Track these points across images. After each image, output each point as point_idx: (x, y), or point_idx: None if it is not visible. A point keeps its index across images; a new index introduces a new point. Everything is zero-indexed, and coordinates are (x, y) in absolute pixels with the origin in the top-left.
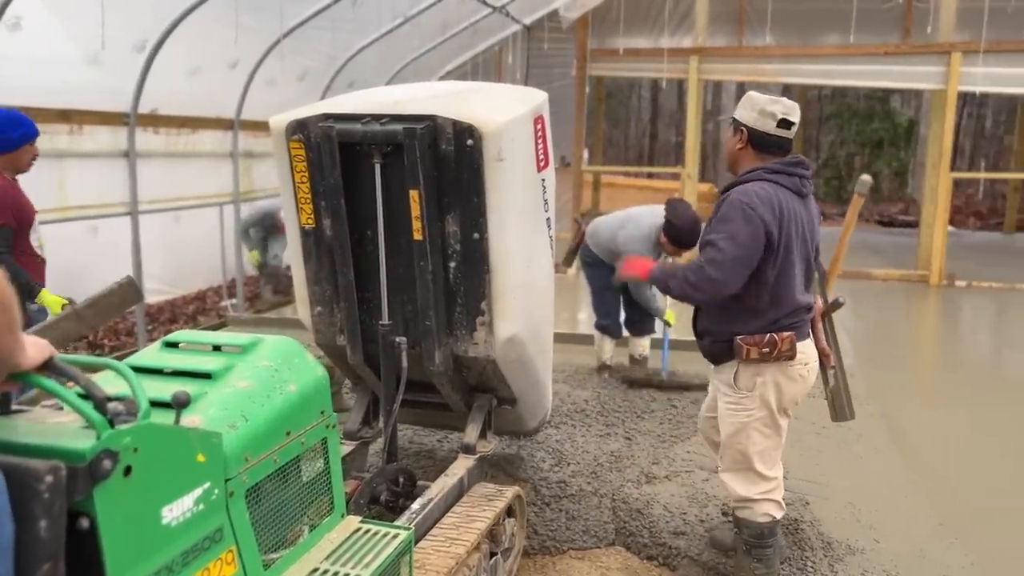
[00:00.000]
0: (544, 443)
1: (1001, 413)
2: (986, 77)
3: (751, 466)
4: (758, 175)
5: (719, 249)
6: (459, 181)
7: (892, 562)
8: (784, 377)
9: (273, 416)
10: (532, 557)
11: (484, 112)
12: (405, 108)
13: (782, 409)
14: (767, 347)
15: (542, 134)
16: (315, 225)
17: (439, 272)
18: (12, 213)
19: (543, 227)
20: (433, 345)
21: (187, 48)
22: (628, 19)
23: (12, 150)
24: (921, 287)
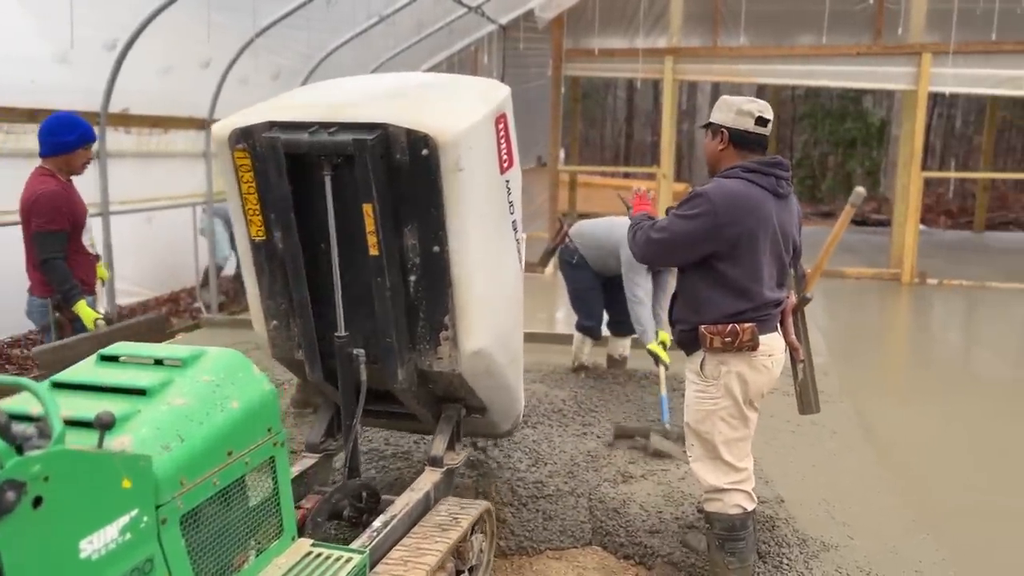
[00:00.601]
0: (521, 443)
1: (971, 409)
2: (955, 78)
3: (719, 455)
4: (734, 172)
5: (669, 224)
6: (415, 192)
7: (866, 559)
8: (748, 367)
9: (212, 435)
10: (509, 558)
11: (440, 118)
12: (355, 114)
13: (748, 401)
14: (729, 336)
15: (505, 134)
16: (266, 238)
17: (398, 287)
18: (67, 217)
19: (509, 231)
20: (395, 362)
21: (159, 47)
22: (603, 19)
23: (67, 152)
24: (893, 285)
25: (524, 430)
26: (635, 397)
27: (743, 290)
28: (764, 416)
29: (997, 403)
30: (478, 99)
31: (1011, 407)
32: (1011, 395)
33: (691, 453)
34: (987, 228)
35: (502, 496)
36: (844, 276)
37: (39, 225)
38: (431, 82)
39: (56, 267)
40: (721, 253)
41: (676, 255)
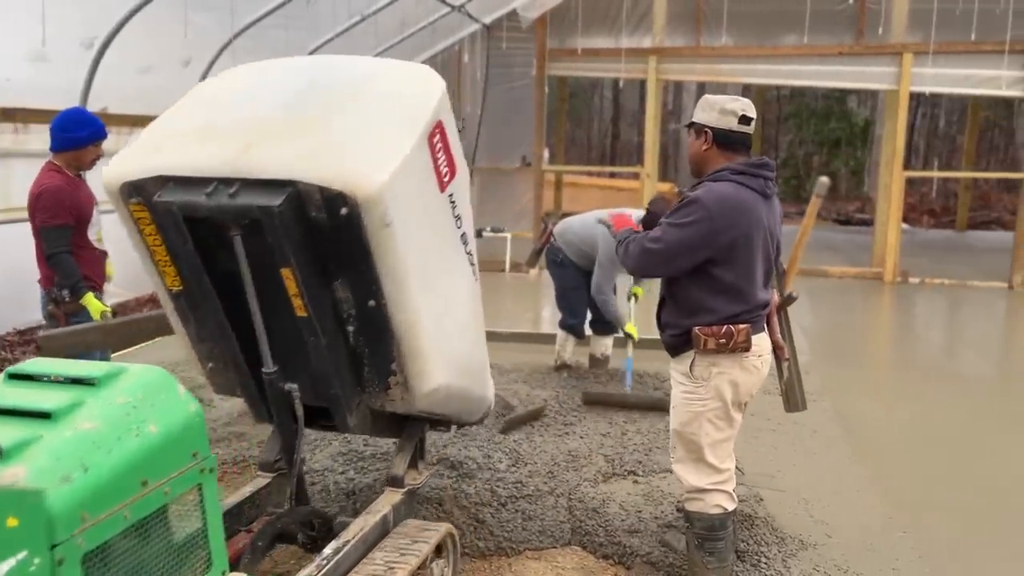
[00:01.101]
0: (502, 444)
1: (950, 407)
2: (935, 78)
3: (702, 457)
4: (723, 176)
5: (663, 234)
6: (339, 250)
7: (843, 556)
8: (739, 369)
9: (123, 463)
10: (488, 559)
11: (358, 166)
12: (259, 167)
13: (737, 402)
14: (723, 338)
15: (443, 145)
16: (183, 288)
17: (336, 340)
18: (71, 212)
19: (457, 249)
20: (343, 410)
21: (138, 45)
22: (587, 19)
23: (77, 148)
24: (876, 284)
25: (492, 428)
26: None
27: (738, 292)
28: (746, 415)
29: (976, 401)
30: (405, 115)
31: (989, 405)
32: (990, 393)
33: (673, 455)
34: (969, 227)
35: (481, 497)
36: (827, 275)
37: (43, 220)
38: (348, 89)
39: (62, 261)
40: (717, 258)
41: (673, 264)
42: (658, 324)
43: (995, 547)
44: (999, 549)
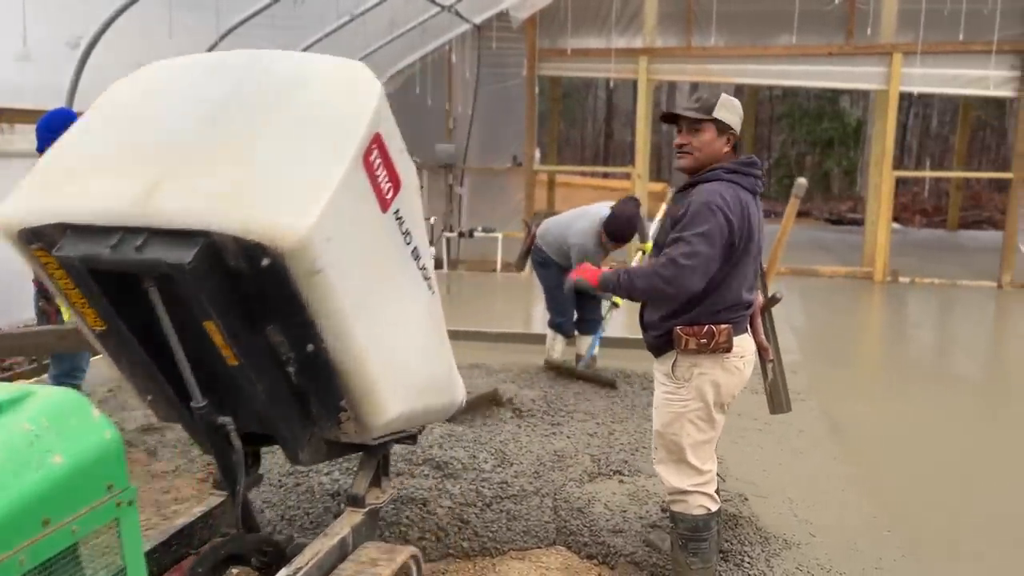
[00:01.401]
0: (488, 443)
1: (937, 407)
2: (924, 78)
3: (684, 458)
4: (716, 175)
5: (692, 246)
6: (266, 296)
7: (826, 556)
8: (721, 369)
9: (19, 501)
10: (472, 559)
11: (278, 209)
12: (168, 217)
13: (719, 403)
14: (705, 338)
15: (383, 160)
16: (107, 328)
17: (277, 382)
18: None
19: (408, 268)
20: (293, 448)
21: (124, 46)
22: (577, 19)
23: None
24: (866, 283)
25: (491, 430)
26: (605, 394)
27: (725, 292)
28: (732, 415)
29: (962, 400)
30: (336, 134)
31: (975, 404)
32: (976, 393)
33: (656, 455)
34: (961, 227)
35: (466, 497)
36: (818, 275)
37: None
38: (273, 100)
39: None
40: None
41: (708, 273)
42: (641, 324)
43: (979, 546)
44: (983, 548)
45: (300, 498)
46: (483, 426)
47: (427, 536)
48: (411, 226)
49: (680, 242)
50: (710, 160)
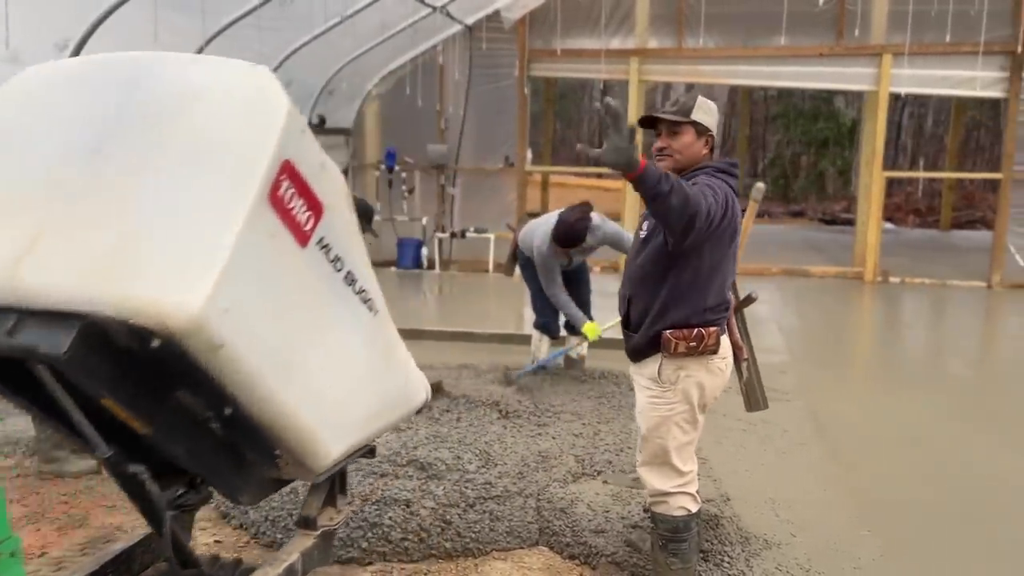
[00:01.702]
0: (473, 444)
1: (922, 406)
2: (913, 79)
3: (668, 460)
4: (709, 173)
5: (715, 193)
6: (166, 371)
7: (806, 555)
8: (705, 372)
9: None
10: (454, 560)
11: (164, 285)
12: (37, 292)
13: (702, 405)
14: (694, 341)
15: (296, 189)
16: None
17: (200, 440)
18: None
19: (339, 300)
20: (231, 491)
21: (112, 47)
22: (569, 20)
23: None
24: (856, 284)
25: (475, 431)
26: (593, 395)
27: (712, 293)
28: (716, 415)
29: (948, 400)
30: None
31: (961, 404)
32: (963, 392)
33: (640, 458)
34: (954, 227)
35: (450, 498)
36: (808, 275)
37: None
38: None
39: None
40: (705, 252)
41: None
42: (625, 325)
43: (960, 547)
44: (964, 549)
45: (284, 498)
46: (469, 427)
47: (409, 537)
48: (341, 250)
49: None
50: (690, 163)
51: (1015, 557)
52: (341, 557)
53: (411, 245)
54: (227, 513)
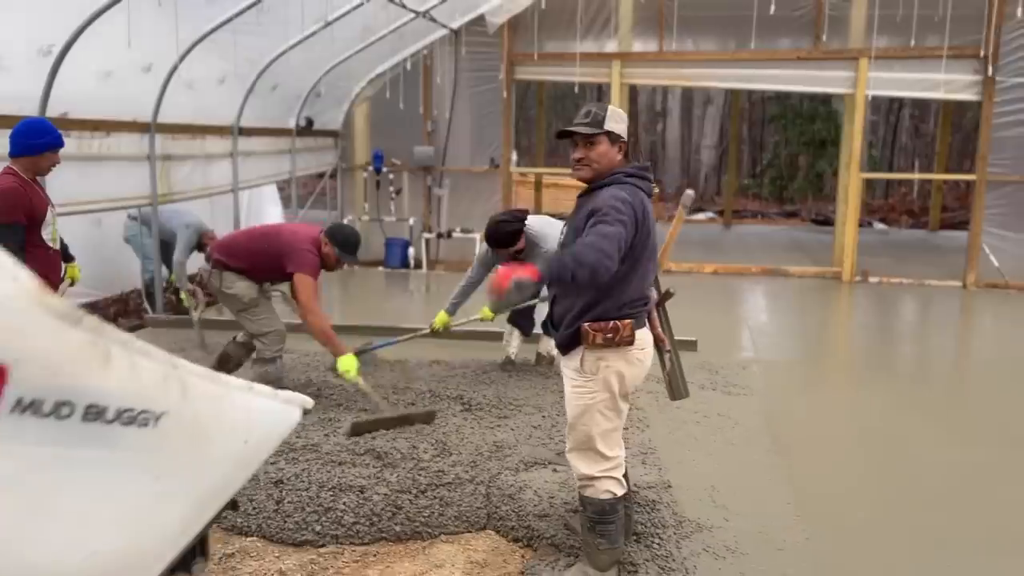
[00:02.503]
0: (430, 435)
1: (876, 401)
2: (891, 82)
3: (594, 446)
4: (617, 179)
5: (613, 228)
6: None
7: (734, 538)
8: (624, 362)
9: None
10: (404, 542)
11: None
12: None
13: (623, 393)
14: (610, 333)
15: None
16: None
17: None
18: (23, 211)
19: (75, 448)
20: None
21: (99, 51)
22: (552, 24)
23: (35, 155)
24: (834, 283)
25: (438, 423)
26: (556, 389)
27: (630, 289)
28: (670, 408)
29: (903, 395)
30: None
31: (913, 399)
32: (916, 388)
33: (568, 445)
34: (944, 227)
35: (402, 484)
36: (787, 275)
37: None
38: None
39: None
40: (625, 255)
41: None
42: (550, 322)
43: (886, 533)
44: (890, 535)
45: (246, 486)
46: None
47: (361, 521)
48: (65, 391)
49: (602, 224)
50: (607, 169)
51: (939, 544)
52: (296, 540)
53: (398, 245)
54: None
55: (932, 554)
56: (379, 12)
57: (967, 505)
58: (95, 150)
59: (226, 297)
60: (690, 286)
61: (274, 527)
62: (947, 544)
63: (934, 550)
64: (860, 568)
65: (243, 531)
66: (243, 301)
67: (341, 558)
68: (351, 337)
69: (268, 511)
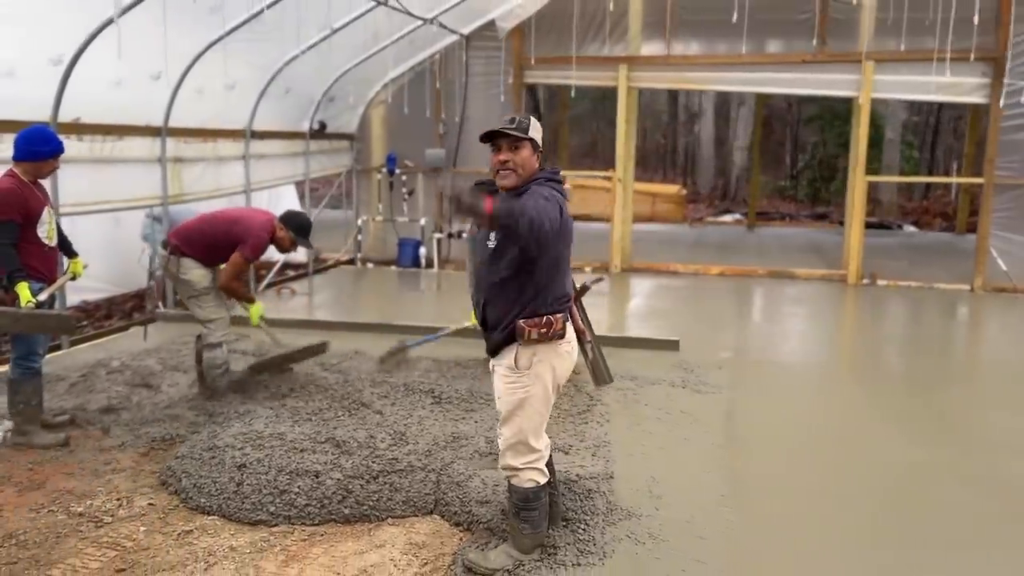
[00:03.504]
0: (390, 426)
1: (841, 401)
2: (897, 85)
3: (524, 439)
4: (538, 181)
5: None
6: None
7: (660, 526)
8: (555, 355)
9: None
10: (352, 524)
11: None
12: None
13: (555, 386)
14: (544, 327)
15: None
16: None
17: None
18: (18, 211)
19: None
20: None
21: (109, 60)
22: (561, 29)
23: (38, 161)
24: (839, 286)
25: (401, 414)
26: None
27: (556, 285)
28: (638, 405)
29: (873, 397)
30: None
31: (884, 402)
32: (889, 390)
33: (500, 436)
34: (971, 230)
35: (356, 470)
36: (793, 277)
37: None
38: None
39: (3, 252)
40: (548, 253)
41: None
42: (483, 326)
43: (807, 527)
44: (809, 528)
45: (212, 469)
46: (398, 411)
47: (312, 503)
48: None
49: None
50: (529, 173)
51: (854, 537)
52: (251, 519)
53: (410, 245)
54: (165, 481)
55: (844, 546)
56: (387, 19)
57: (898, 503)
58: (107, 153)
59: (180, 282)
60: (691, 288)
61: (233, 507)
62: (863, 538)
63: (847, 543)
64: (772, 556)
65: (205, 510)
66: (196, 288)
67: (291, 537)
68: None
69: (228, 492)
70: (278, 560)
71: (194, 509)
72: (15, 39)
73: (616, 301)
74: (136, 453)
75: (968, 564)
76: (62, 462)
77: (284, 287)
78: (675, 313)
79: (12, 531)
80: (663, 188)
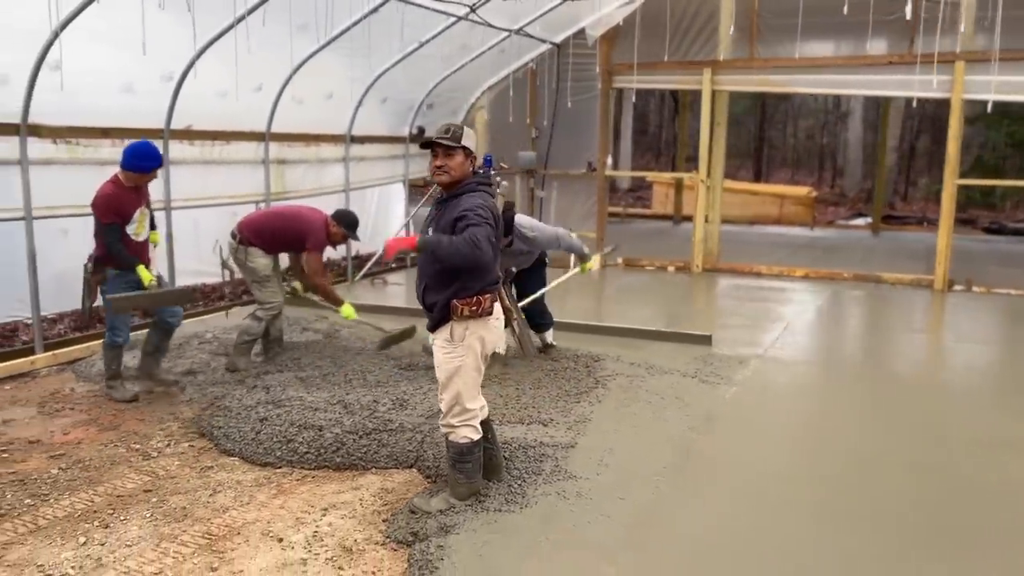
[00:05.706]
0: (392, 391)
1: (846, 402)
2: (991, 86)
3: (459, 400)
4: (472, 187)
5: (480, 228)
6: None
7: (589, 488)
8: (484, 328)
9: None
10: (341, 471)
11: None
12: None
13: (484, 355)
14: (475, 306)
15: None
16: None
17: None
18: (117, 212)
19: None
20: None
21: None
22: (647, 35)
23: (140, 173)
24: (923, 291)
25: (399, 383)
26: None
27: (486, 272)
28: (633, 388)
29: (877, 397)
30: None
31: (885, 401)
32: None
33: (440, 400)
34: None
35: (353, 428)
36: (880, 281)
37: (96, 218)
38: None
39: (113, 248)
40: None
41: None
42: (424, 305)
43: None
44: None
45: (240, 421)
46: (408, 383)
47: (311, 452)
48: None
49: (472, 227)
50: (462, 177)
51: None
52: (262, 462)
53: None
54: (204, 431)
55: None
56: (474, 32)
57: (844, 487)
58: (216, 155)
59: (246, 269)
60: (762, 289)
61: (249, 451)
62: (788, 514)
63: (773, 518)
64: (681, 519)
65: (230, 453)
66: (259, 274)
67: (288, 477)
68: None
69: (248, 439)
70: (270, 492)
71: (222, 452)
72: (131, 60)
73: (669, 299)
74: (198, 407)
75: None
76: (139, 409)
77: (378, 278)
78: (728, 312)
79: (82, 458)
80: (792, 190)
